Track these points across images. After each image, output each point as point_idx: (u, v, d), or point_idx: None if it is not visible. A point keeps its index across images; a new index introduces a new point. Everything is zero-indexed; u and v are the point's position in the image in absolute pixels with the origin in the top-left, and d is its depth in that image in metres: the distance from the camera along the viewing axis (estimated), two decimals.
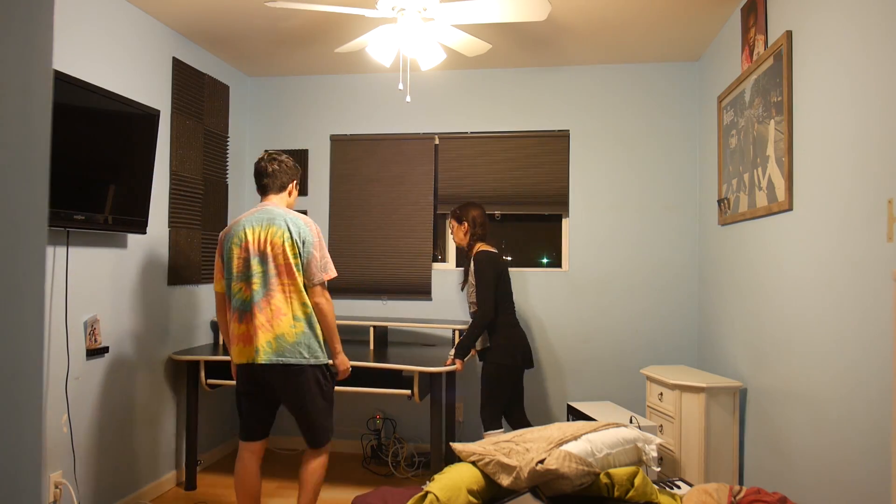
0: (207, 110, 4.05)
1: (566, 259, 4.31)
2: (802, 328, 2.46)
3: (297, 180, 2.87)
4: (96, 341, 3.05)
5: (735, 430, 3.06)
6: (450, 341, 4.28)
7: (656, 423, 3.23)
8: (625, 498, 2.00)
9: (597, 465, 2.05)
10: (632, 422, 3.05)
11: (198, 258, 3.94)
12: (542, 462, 1.94)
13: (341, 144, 4.55)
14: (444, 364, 3.36)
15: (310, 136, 4.59)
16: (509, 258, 4.47)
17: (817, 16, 2.35)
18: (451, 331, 4.19)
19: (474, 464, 2.07)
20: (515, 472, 1.96)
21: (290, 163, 2.83)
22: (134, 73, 3.34)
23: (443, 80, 4.42)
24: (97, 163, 2.87)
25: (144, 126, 3.16)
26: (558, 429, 2.22)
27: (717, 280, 3.68)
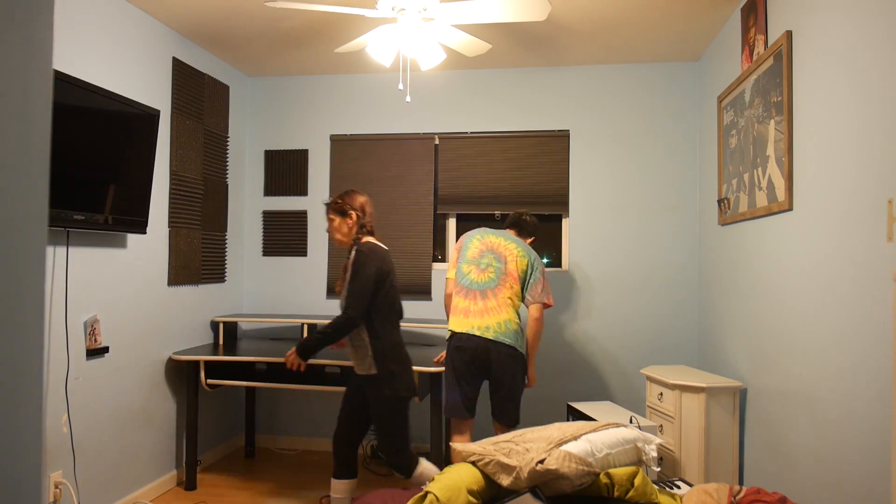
0: (207, 110, 4.05)
1: (566, 259, 4.32)
2: (802, 328, 2.46)
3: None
4: (96, 341, 3.05)
5: (735, 430, 3.06)
6: None
7: (656, 423, 3.23)
8: (625, 498, 2.00)
9: (597, 465, 2.05)
10: (632, 422, 3.05)
11: (198, 258, 3.94)
12: (542, 462, 1.94)
13: (341, 144, 4.55)
14: (286, 363, 2.74)
15: (310, 136, 4.59)
16: None
17: (817, 16, 2.35)
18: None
19: (474, 464, 2.07)
20: (515, 473, 1.96)
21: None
22: (134, 73, 3.34)
23: (443, 80, 4.42)
24: (97, 163, 2.87)
25: (144, 126, 3.16)
26: (558, 429, 2.22)
27: (717, 280, 3.68)
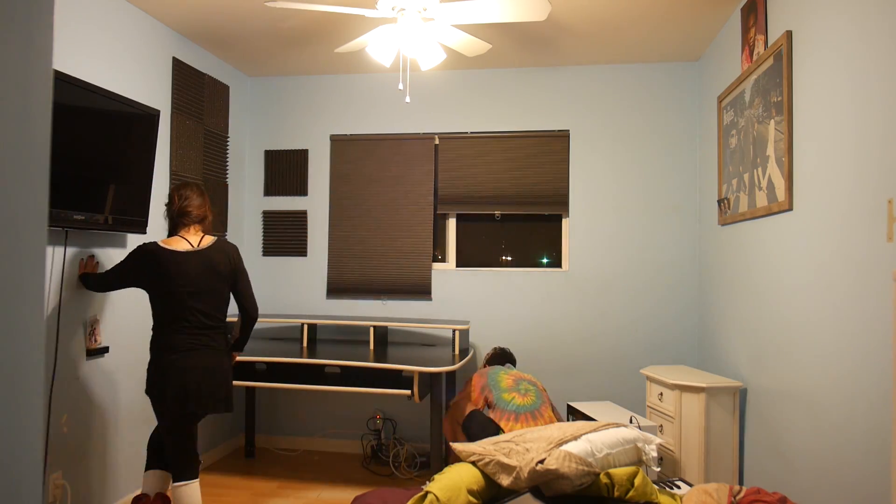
0: (207, 110, 4.05)
1: (566, 259, 4.32)
2: (802, 328, 2.46)
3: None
4: (96, 341, 3.05)
5: (735, 431, 3.06)
6: (450, 341, 4.28)
7: (656, 423, 3.23)
8: (625, 498, 2.00)
9: (597, 465, 2.05)
10: (632, 422, 3.05)
11: None
12: (542, 462, 1.94)
13: (341, 144, 4.55)
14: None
15: (310, 136, 4.59)
16: (509, 258, 4.46)
17: (817, 16, 2.35)
18: (452, 331, 4.19)
19: (474, 464, 2.07)
20: (515, 472, 1.96)
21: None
22: (134, 73, 3.34)
23: (443, 80, 4.42)
24: (97, 163, 2.87)
25: (144, 126, 3.16)
26: (558, 429, 2.22)
27: (716, 280, 3.68)
